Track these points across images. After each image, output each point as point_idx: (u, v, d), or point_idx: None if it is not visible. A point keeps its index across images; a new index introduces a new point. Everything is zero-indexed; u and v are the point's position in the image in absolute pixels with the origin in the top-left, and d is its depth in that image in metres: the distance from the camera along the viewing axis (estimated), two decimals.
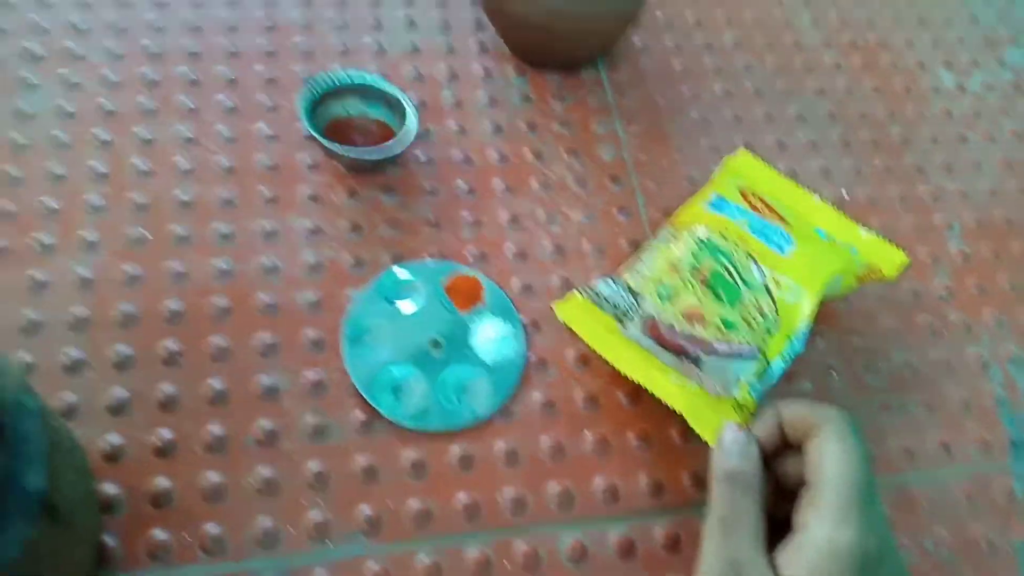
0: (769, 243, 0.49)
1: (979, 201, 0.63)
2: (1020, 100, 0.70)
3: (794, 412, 0.39)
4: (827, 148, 0.63)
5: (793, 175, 0.59)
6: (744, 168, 0.55)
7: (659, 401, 0.44)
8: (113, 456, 0.42)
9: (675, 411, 0.44)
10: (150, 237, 0.50)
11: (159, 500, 0.41)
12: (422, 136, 0.57)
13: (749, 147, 0.60)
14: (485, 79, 0.62)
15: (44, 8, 0.60)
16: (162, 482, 0.42)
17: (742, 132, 0.62)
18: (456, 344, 0.49)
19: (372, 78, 0.55)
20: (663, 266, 0.48)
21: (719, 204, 0.51)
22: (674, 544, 0.45)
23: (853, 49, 0.70)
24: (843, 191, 0.60)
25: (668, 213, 0.56)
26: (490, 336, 0.50)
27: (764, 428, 0.39)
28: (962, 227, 0.61)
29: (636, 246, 0.55)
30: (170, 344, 0.46)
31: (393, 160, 0.53)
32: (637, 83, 0.64)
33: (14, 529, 0.29)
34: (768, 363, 0.45)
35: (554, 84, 0.62)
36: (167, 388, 0.45)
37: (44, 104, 0.55)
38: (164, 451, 0.43)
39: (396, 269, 0.51)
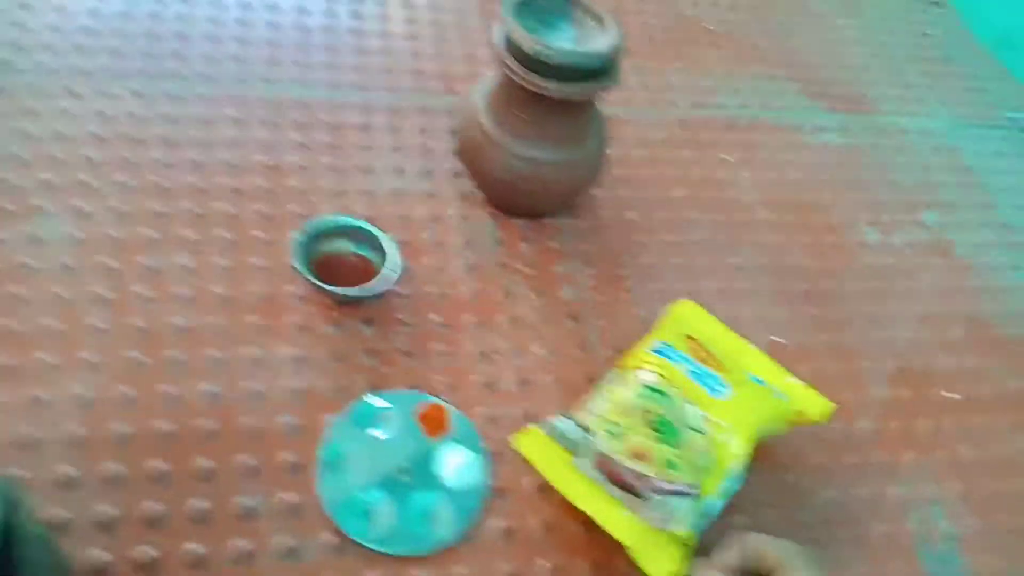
0: (707, 388, 0.55)
1: (900, 349, 0.70)
2: (936, 257, 0.79)
3: (759, 546, 0.44)
4: (763, 297, 0.71)
5: (732, 321, 0.66)
6: (687, 316, 0.61)
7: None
8: (99, 572, 0.45)
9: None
10: (148, 361, 0.55)
11: None
12: (403, 271, 0.63)
13: (693, 294, 0.66)
14: (461, 222, 0.69)
15: (62, 141, 0.66)
16: None
17: (688, 278, 0.70)
18: (423, 470, 0.53)
19: (360, 223, 0.61)
20: (613, 407, 0.54)
21: (664, 351, 0.57)
22: None
23: (787, 208, 0.79)
24: (778, 338, 0.67)
25: (620, 350, 0.62)
26: (455, 464, 0.54)
27: (730, 559, 0.44)
28: (886, 373, 0.68)
29: (592, 380, 0.61)
30: (159, 464, 0.50)
31: (375, 297, 0.59)
32: (595, 231, 0.71)
33: None
34: (704, 501, 0.50)
35: (522, 228, 0.70)
36: (154, 506, 0.48)
37: (56, 231, 0.60)
38: (148, 568, 0.46)
39: (371, 398, 0.56)
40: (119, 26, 0.77)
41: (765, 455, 0.59)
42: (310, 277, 0.57)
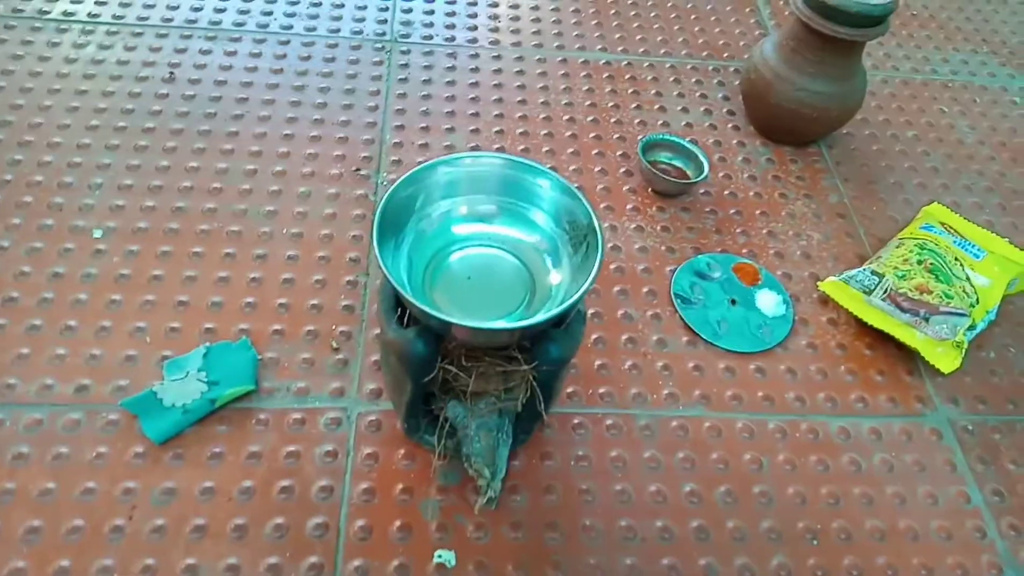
0: (967, 252, 0.72)
1: None
2: None
3: None
4: (990, 209, 0.86)
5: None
6: (938, 213, 0.79)
7: (892, 348, 0.67)
8: None
9: (909, 351, 0.66)
10: None
11: None
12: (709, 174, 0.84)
13: (934, 203, 0.83)
14: (739, 146, 0.89)
15: (453, 91, 0.91)
16: None
17: (927, 194, 0.87)
18: (747, 303, 0.73)
19: (679, 139, 0.83)
20: (897, 259, 0.72)
21: (928, 228, 0.75)
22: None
23: (1002, 147, 0.95)
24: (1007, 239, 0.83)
25: (881, 239, 0.80)
26: (768, 301, 0.73)
27: None
28: None
29: (861, 259, 0.79)
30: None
31: (688, 190, 0.80)
32: (849, 156, 0.90)
33: None
34: (975, 321, 0.67)
35: (789, 152, 0.89)
36: None
37: (458, 140, 0.85)
38: None
39: (699, 256, 0.76)
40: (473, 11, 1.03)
41: (1007, 314, 0.75)
42: (651, 170, 0.79)
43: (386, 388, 0.61)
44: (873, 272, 0.71)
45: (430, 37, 0.97)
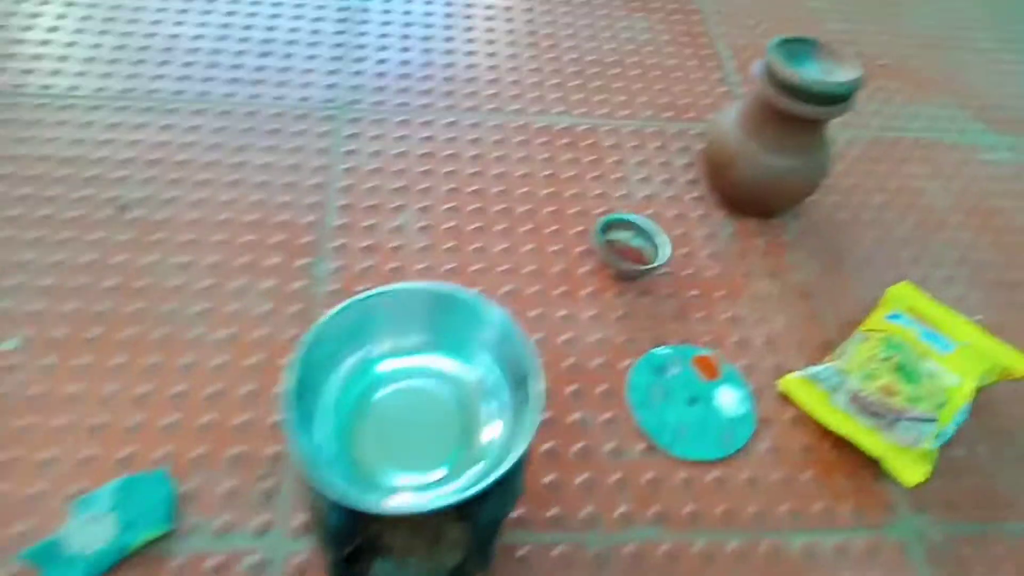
0: (936, 345, 0.69)
1: None
2: None
3: None
4: (960, 283, 0.83)
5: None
6: (905, 295, 0.75)
7: (858, 453, 0.64)
8: None
9: (872, 459, 0.63)
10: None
11: None
12: (671, 257, 0.80)
13: (902, 281, 0.80)
14: (701, 219, 0.86)
15: (404, 163, 0.87)
16: None
17: (895, 268, 0.83)
18: (706, 402, 0.69)
19: (638, 219, 0.79)
20: (863, 356, 0.68)
21: (895, 317, 0.72)
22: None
23: (973, 212, 0.92)
24: (977, 316, 0.80)
25: (848, 323, 0.77)
26: (729, 399, 0.70)
27: None
28: None
29: (827, 344, 0.75)
30: None
31: (650, 273, 0.77)
32: (815, 229, 0.86)
33: None
34: (944, 425, 0.64)
35: (754, 225, 0.86)
36: None
37: (408, 222, 0.81)
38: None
39: (658, 349, 0.73)
40: (424, 75, 0.98)
41: (979, 402, 0.72)
42: (610, 255, 0.75)
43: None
44: (838, 370, 0.68)
45: (381, 102, 0.93)
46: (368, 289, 0.51)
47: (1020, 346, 0.76)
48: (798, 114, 0.74)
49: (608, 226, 0.79)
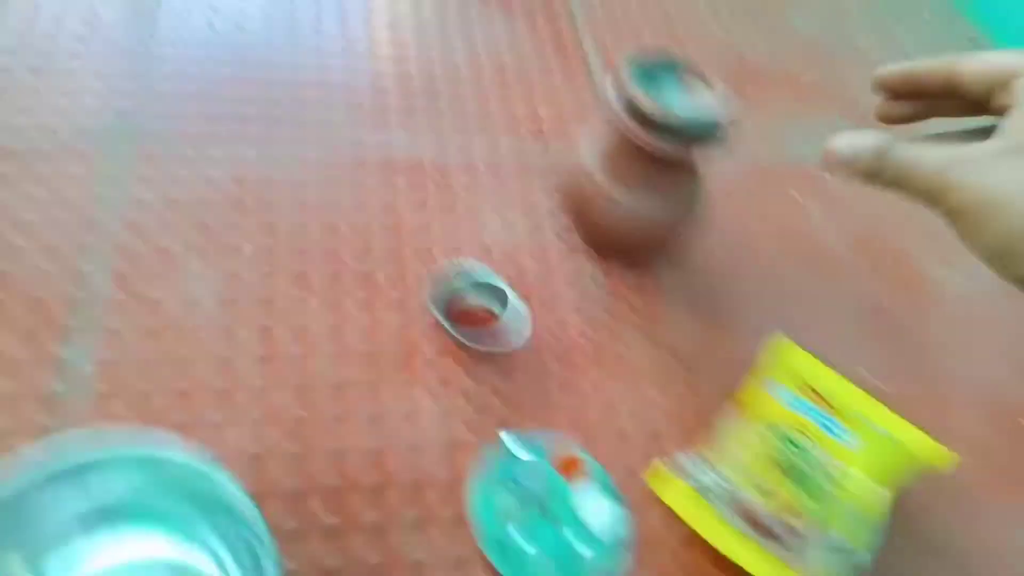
0: (836, 438, 0.59)
1: (986, 388, 0.75)
2: (1015, 298, 0.84)
3: (981, 64, 0.35)
4: (850, 334, 0.75)
5: (823, 357, 0.70)
6: (788, 355, 0.65)
7: None
8: None
9: None
10: (306, 416, 0.59)
11: None
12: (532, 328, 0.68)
13: (787, 332, 0.71)
14: (564, 263, 0.73)
15: (205, 204, 0.70)
16: None
17: (777, 315, 0.74)
18: (573, 522, 0.58)
19: (485, 274, 0.66)
20: (751, 457, 0.58)
21: (781, 393, 0.62)
22: None
23: (868, 249, 0.84)
24: (866, 372, 0.71)
25: (725, 392, 0.67)
26: (596, 510, 0.59)
27: (927, 74, 0.38)
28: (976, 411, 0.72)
29: (705, 419, 0.65)
30: (330, 518, 0.55)
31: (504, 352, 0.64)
32: (691, 273, 0.76)
33: None
34: (856, 553, 0.55)
35: (623, 274, 0.74)
36: (331, 561, 0.53)
37: (208, 290, 0.64)
38: None
39: (508, 440, 0.60)
40: (238, 90, 0.81)
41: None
42: (453, 331, 0.62)
43: None
44: (724, 479, 0.57)
45: (173, 122, 0.75)
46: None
47: (925, 412, 0.68)
48: (666, 155, 0.62)
49: (452, 291, 0.66)
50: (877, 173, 0.35)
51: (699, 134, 0.62)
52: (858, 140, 0.35)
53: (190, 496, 0.40)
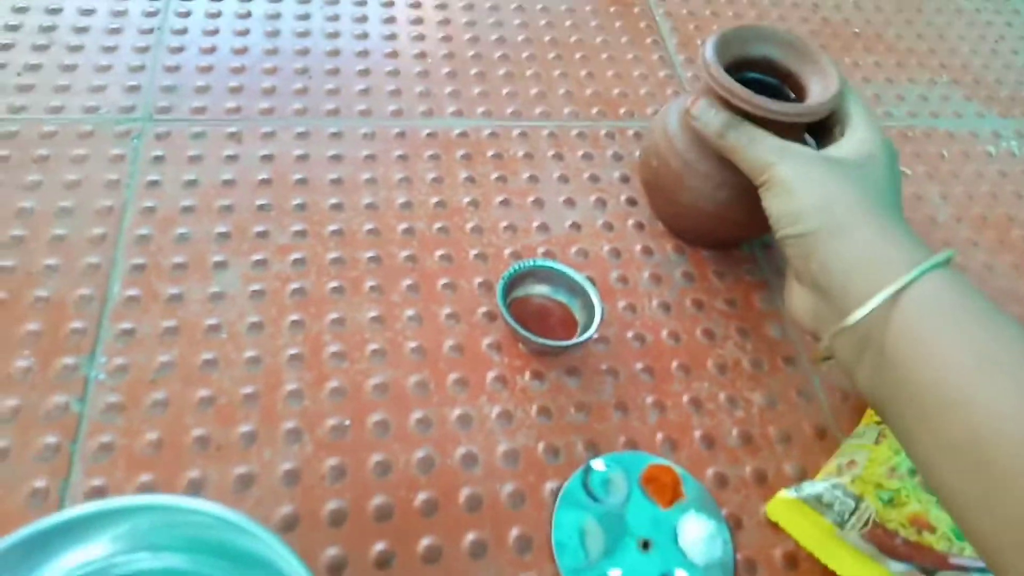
0: None
1: None
2: None
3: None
4: None
5: None
6: None
7: None
8: None
9: None
10: (351, 426, 0.50)
11: None
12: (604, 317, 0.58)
13: None
14: (645, 255, 0.64)
15: (230, 187, 0.62)
16: None
17: None
18: (666, 546, 0.48)
19: (557, 265, 0.56)
20: (880, 468, 0.48)
21: None
22: None
23: (986, 225, 0.72)
24: None
25: (844, 400, 0.56)
26: (695, 534, 0.48)
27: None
28: None
29: (821, 432, 0.55)
30: (382, 545, 0.45)
31: (577, 347, 0.54)
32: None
33: None
34: None
35: (712, 261, 0.64)
36: None
37: (234, 284, 0.56)
38: None
39: (594, 463, 0.51)
40: (271, 65, 0.73)
41: None
42: (519, 329, 0.52)
43: None
44: (847, 491, 0.47)
45: (203, 109, 0.67)
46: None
47: None
48: (766, 116, 0.51)
49: (518, 278, 0.56)
50: (717, 140, 0.51)
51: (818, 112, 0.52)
52: (711, 115, 0.51)
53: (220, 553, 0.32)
